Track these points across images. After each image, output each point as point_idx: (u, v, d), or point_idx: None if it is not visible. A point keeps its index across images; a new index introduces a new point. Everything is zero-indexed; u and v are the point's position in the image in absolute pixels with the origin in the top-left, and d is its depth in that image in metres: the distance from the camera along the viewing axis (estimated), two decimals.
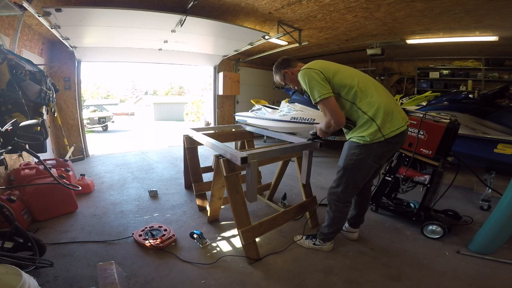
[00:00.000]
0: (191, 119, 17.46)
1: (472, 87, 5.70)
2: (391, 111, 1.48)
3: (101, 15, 2.89)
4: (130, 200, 2.78)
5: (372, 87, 1.54)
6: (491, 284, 1.53)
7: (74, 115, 4.77)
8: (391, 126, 1.48)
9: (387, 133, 1.47)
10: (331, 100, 1.47)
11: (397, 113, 1.51)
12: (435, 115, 2.12)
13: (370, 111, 1.48)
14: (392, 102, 1.55)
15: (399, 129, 1.49)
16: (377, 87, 1.57)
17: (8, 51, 1.84)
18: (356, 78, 1.53)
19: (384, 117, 1.46)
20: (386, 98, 1.53)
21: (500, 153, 2.43)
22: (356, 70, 1.63)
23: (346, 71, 1.58)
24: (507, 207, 1.70)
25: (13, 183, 2.50)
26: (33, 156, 1.47)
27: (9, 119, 1.48)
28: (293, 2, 3.12)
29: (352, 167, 1.58)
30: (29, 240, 1.51)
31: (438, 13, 3.25)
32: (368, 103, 1.49)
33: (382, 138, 1.48)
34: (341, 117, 1.49)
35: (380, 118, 1.46)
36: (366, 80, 1.57)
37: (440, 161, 1.99)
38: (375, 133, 1.47)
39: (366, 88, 1.52)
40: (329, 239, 1.84)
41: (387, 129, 1.47)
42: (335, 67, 1.57)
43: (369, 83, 1.56)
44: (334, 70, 1.54)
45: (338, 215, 1.72)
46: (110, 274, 1.35)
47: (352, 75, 1.55)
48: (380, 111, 1.46)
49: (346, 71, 1.58)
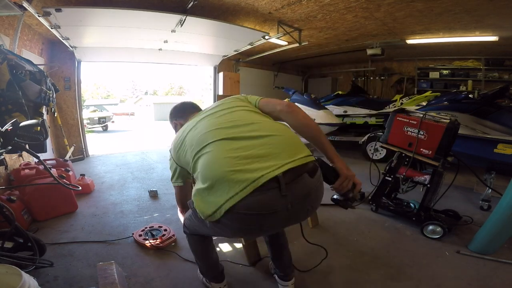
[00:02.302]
0: None
1: (472, 87, 5.70)
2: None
3: (101, 15, 2.89)
4: (130, 200, 2.78)
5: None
6: (491, 284, 1.53)
7: (74, 115, 4.77)
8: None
9: None
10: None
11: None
12: (435, 115, 2.12)
13: None
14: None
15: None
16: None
17: (8, 51, 1.84)
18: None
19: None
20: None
21: (500, 153, 2.43)
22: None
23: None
24: (507, 207, 1.70)
25: (13, 183, 2.50)
26: (33, 156, 1.47)
27: (9, 119, 1.48)
28: (293, 2, 3.12)
29: None
30: (29, 240, 1.51)
31: (438, 13, 3.25)
32: None
33: None
34: None
35: None
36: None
37: (440, 161, 1.99)
38: None
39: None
40: (212, 279, 1.39)
41: None
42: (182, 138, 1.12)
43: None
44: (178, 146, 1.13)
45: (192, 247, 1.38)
46: (110, 274, 1.35)
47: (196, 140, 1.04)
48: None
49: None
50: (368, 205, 2.56)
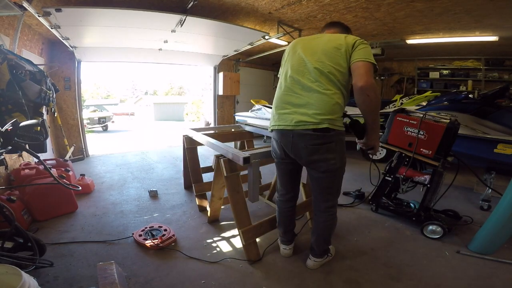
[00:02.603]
0: (191, 119, 17.46)
1: (472, 87, 5.70)
2: (282, 104, 1.46)
3: (101, 15, 2.89)
4: (130, 200, 2.78)
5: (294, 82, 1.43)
6: (491, 284, 1.53)
7: (74, 115, 4.77)
8: (272, 121, 1.51)
9: (270, 125, 1.53)
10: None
11: (277, 114, 1.46)
12: (435, 115, 2.12)
13: (274, 98, 1.54)
14: (295, 98, 1.40)
15: (277, 126, 1.47)
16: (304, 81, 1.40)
17: (8, 51, 1.84)
18: (288, 70, 1.47)
19: (275, 107, 1.50)
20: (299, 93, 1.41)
21: (500, 153, 2.43)
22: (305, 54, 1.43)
23: (290, 61, 1.48)
24: (507, 207, 1.70)
25: (13, 183, 2.50)
26: (33, 156, 1.47)
27: (9, 119, 1.48)
28: (293, 2, 3.12)
29: None
30: (29, 240, 1.51)
31: (438, 13, 3.25)
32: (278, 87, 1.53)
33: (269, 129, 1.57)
34: None
35: (273, 107, 1.51)
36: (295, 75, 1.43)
37: (440, 161, 1.99)
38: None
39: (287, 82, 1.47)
40: (281, 241, 1.80)
41: (273, 120, 1.51)
42: (292, 51, 1.50)
43: (296, 78, 1.42)
44: (286, 56, 1.55)
45: (276, 209, 1.77)
46: (110, 274, 1.35)
47: (291, 65, 1.46)
48: (276, 99, 1.51)
49: (290, 61, 1.48)
50: (368, 205, 2.56)
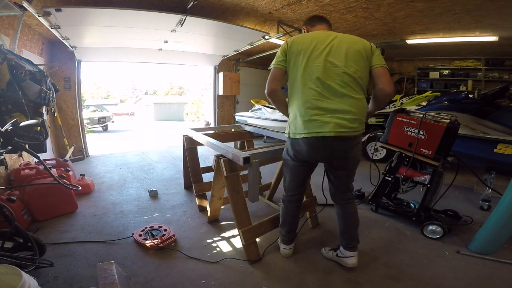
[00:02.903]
0: (191, 119, 17.46)
1: (472, 87, 5.70)
2: (312, 110, 1.35)
3: (101, 15, 2.89)
4: (130, 200, 2.78)
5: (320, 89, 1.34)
6: (491, 284, 1.53)
7: (74, 115, 4.77)
8: (296, 128, 1.42)
9: (292, 132, 1.46)
10: (274, 71, 1.46)
11: (304, 120, 1.37)
12: (435, 115, 2.12)
13: (295, 101, 1.43)
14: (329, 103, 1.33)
15: (303, 134, 1.38)
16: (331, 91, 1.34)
17: (8, 51, 1.84)
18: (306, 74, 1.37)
19: (293, 116, 1.44)
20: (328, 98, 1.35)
21: (500, 153, 2.43)
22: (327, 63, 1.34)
23: (308, 59, 1.37)
24: (507, 207, 1.70)
25: (13, 183, 2.50)
26: (33, 156, 1.47)
27: (9, 119, 1.48)
28: (293, 2, 3.12)
29: (284, 161, 1.65)
30: (29, 240, 1.51)
31: (438, 13, 3.25)
32: (291, 99, 1.46)
33: (288, 136, 1.50)
34: (270, 87, 1.45)
35: (291, 117, 1.46)
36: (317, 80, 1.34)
37: (440, 161, 1.99)
38: (287, 127, 1.50)
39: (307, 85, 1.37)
40: (283, 241, 1.78)
41: (292, 129, 1.45)
42: (306, 47, 1.38)
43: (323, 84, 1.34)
44: (303, 49, 1.39)
45: (283, 209, 1.74)
46: (110, 274, 1.35)
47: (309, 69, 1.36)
48: (293, 110, 1.43)
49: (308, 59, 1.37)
50: (368, 205, 2.56)
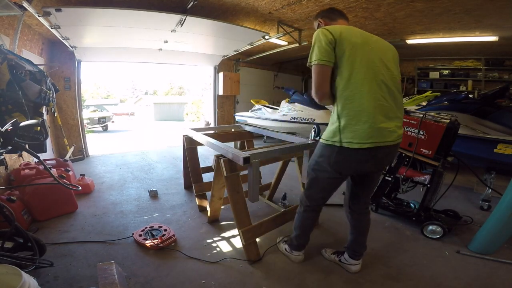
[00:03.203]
0: (191, 119, 17.47)
1: (472, 87, 5.70)
2: (365, 118, 1.17)
3: (101, 15, 2.89)
4: (130, 200, 2.78)
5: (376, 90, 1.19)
6: (491, 284, 1.53)
7: (74, 115, 4.77)
8: (357, 135, 1.18)
9: (346, 140, 1.20)
10: (322, 69, 1.20)
11: (371, 126, 1.18)
12: (435, 115, 2.12)
13: (354, 103, 1.18)
14: (387, 111, 1.21)
15: (368, 144, 1.18)
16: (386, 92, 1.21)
17: (8, 51, 1.84)
18: (363, 69, 1.18)
19: (353, 120, 1.19)
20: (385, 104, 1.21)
21: (500, 153, 2.43)
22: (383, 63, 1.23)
23: (366, 54, 1.21)
24: (507, 207, 1.70)
25: (13, 183, 2.50)
26: (33, 156, 1.47)
27: (9, 119, 1.48)
28: (293, 2, 3.12)
29: (314, 170, 1.42)
30: (29, 240, 1.51)
31: (438, 13, 3.25)
32: (349, 98, 1.19)
33: (338, 144, 1.23)
34: (322, 91, 1.23)
35: (346, 120, 1.20)
36: (376, 78, 1.20)
37: (440, 161, 1.99)
38: (333, 133, 1.25)
39: (363, 85, 1.18)
40: (294, 247, 1.71)
41: (349, 136, 1.20)
42: (359, 41, 1.21)
43: (380, 84, 1.20)
44: (357, 44, 1.20)
45: (302, 217, 1.60)
46: (110, 274, 1.35)
47: (367, 63, 1.19)
48: (352, 112, 1.19)
49: (366, 54, 1.21)
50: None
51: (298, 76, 9.07)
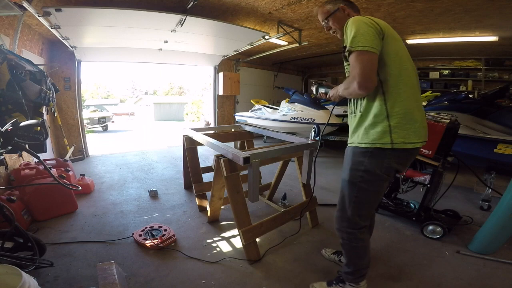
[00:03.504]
0: (191, 119, 17.46)
1: (472, 87, 5.70)
2: (415, 117, 1.18)
3: (101, 15, 2.89)
4: (130, 200, 2.78)
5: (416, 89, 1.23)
6: (491, 284, 1.53)
7: (74, 115, 4.77)
8: (409, 134, 1.16)
9: (399, 141, 1.15)
10: (371, 57, 1.07)
11: (420, 125, 1.21)
12: (435, 115, 2.12)
13: (395, 104, 1.14)
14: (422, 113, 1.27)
15: (412, 144, 1.18)
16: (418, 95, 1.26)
17: (8, 51, 1.84)
18: (408, 69, 1.19)
19: (405, 119, 1.15)
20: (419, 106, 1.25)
21: (500, 153, 2.43)
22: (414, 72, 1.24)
23: (406, 52, 1.22)
24: (507, 207, 1.70)
25: (13, 183, 2.50)
26: (33, 156, 1.47)
27: (9, 119, 1.48)
28: (293, 2, 3.12)
29: (361, 183, 1.23)
30: (29, 240, 1.51)
31: (438, 13, 3.25)
32: (400, 95, 1.15)
33: (389, 146, 1.15)
34: (372, 81, 1.08)
35: (398, 118, 1.14)
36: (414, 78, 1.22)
37: (440, 161, 1.99)
38: (383, 133, 1.15)
39: (409, 83, 1.18)
40: (359, 278, 1.36)
41: (402, 135, 1.15)
42: (397, 37, 1.20)
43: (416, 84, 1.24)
44: (395, 37, 1.18)
45: (352, 248, 1.33)
46: (110, 274, 1.35)
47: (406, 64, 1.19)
48: (403, 110, 1.15)
49: (406, 52, 1.22)
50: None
51: (298, 76, 9.08)
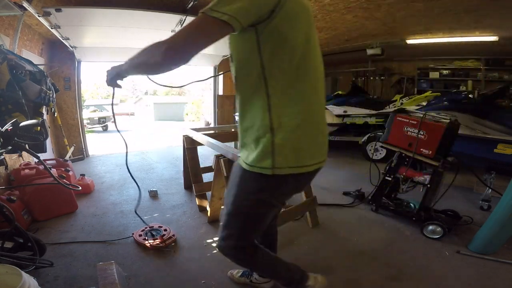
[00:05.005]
0: (191, 119, 17.47)
1: (472, 87, 5.70)
2: (315, 130, 0.89)
3: (101, 15, 2.89)
4: (130, 200, 2.78)
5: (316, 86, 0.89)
6: (491, 284, 1.53)
7: (74, 115, 4.77)
8: (298, 156, 0.85)
9: (282, 165, 0.83)
10: (221, 31, 0.71)
11: (322, 140, 0.94)
12: (435, 115, 2.12)
13: (283, 112, 0.82)
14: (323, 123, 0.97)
15: (305, 167, 0.88)
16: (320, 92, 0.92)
17: (8, 51, 1.84)
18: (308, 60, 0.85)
19: (295, 133, 0.83)
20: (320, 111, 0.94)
21: (500, 153, 2.43)
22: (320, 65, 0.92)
23: (313, 32, 0.87)
24: (507, 207, 1.70)
25: (13, 183, 2.50)
26: (33, 156, 1.47)
27: (9, 119, 1.48)
28: None
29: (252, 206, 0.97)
30: (29, 240, 1.51)
31: (438, 13, 3.25)
32: (294, 99, 0.83)
33: (269, 172, 0.83)
34: (186, 54, 0.71)
35: (286, 133, 0.82)
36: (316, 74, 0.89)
37: (440, 161, 1.99)
38: (261, 155, 0.84)
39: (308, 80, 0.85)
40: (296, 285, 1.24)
41: (288, 158, 0.83)
42: (308, 13, 0.84)
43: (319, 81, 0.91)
44: (301, 12, 0.80)
45: (259, 264, 1.14)
46: (110, 274, 1.35)
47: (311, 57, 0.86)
48: (296, 120, 0.83)
49: (313, 32, 0.87)
50: (368, 205, 2.56)
51: None
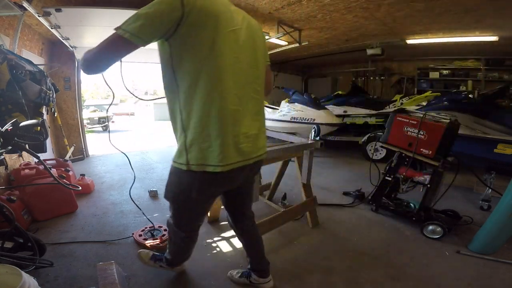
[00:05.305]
0: None
1: (472, 87, 5.71)
2: (224, 130, 0.92)
3: (101, 15, 2.89)
4: (130, 200, 2.76)
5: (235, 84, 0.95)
6: (491, 284, 1.53)
7: (74, 115, 4.77)
8: (206, 155, 0.93)
9: (194, 162, 0.93)
10: (126, 47, 0.87)
11: (244, 139, 0.99)
12: (435, 115, 2.12)
13: (190, 113, 0.90)
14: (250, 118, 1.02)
15: (213, 167, 0.93)
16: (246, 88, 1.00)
17: (8, 51, 1.84)
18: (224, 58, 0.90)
19: (201, 134, 0.91)
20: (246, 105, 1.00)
21: (500, 153, 2.43)
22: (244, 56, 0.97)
23: (228, 44, 0.91)
24: (507, 207, 1.70)
25: (13, 183, 2.50)
26: (33, 156, 1.47)
27: (9, 119, 1.48)
28: (293, 2, 3.12)
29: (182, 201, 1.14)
30: (29, 240, 1.50)
31: (438, 13, 3.25)
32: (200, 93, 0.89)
33: (184, 167, 0.94)
34: (97, 69, 0.89)
35: (193, 133, 0.92)
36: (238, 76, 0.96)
37: (440, 161, 1.99)
38: (179, 152, 0.99)
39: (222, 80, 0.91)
40: (176, 265, 1.53)
41: (197, 156, 0.93)
42: (225, 16, 0.90)
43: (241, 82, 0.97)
44: (219, 14, 0.88)
45: (175, 248, 1.41)
46: (110, 274, 1.35)
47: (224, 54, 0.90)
48: (203, 121, 0.89)
49: (228, 44, 0.91)
50: (368, 205, 2.56)
51: (298, 76, 9.08)
